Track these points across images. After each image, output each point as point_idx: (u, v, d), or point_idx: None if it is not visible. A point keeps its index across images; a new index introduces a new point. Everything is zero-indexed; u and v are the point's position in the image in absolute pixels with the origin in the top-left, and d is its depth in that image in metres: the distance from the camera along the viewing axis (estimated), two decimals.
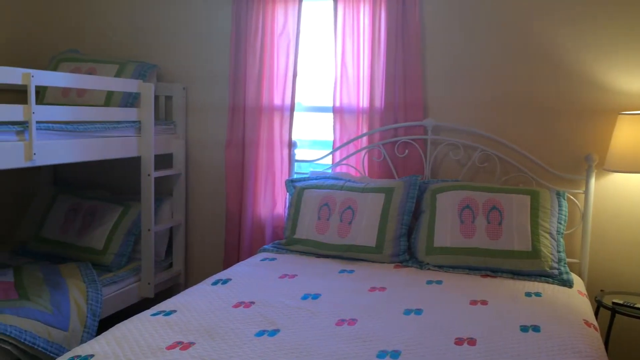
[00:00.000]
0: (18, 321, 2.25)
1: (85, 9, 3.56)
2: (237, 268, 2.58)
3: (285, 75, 3.16)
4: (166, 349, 1.69)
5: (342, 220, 2.79)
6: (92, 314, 2.58)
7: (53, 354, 2.28)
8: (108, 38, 3.52)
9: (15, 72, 2.28)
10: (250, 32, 3.16)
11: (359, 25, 3.04)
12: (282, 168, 3.21)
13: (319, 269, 2.58)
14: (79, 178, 3.62)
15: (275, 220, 3.23)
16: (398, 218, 2.75)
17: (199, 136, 3.43)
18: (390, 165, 3.05)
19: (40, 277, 2.71)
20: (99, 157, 2.76)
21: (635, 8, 2.73)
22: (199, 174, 3.45)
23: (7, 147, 2.22)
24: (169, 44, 3.43)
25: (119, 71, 3.19)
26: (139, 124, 2.99)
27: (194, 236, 3.49)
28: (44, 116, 2.38)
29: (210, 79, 3.37)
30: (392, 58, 2.99)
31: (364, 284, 2.35)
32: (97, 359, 1.61)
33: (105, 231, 3.12)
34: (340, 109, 3.12)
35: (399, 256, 2.69)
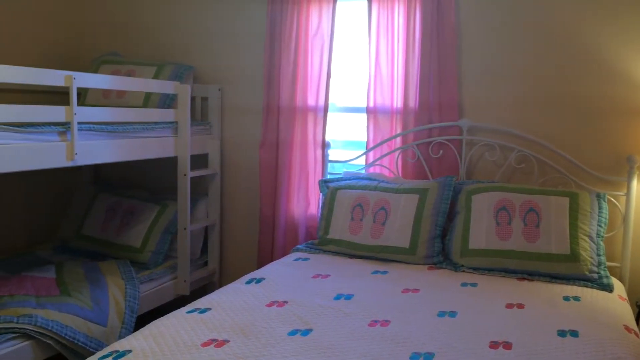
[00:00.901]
0: (59, 316, 2.33)
1: (124, 12, 3.65)
2: (270, 267, 2.60)
3: (319, 75, 3.17)
4: (201, 346, 1.71)
5: (375, 221, 2.78)
6: (130, 310, 2.64)
7: (92, 348, 2.34)
8: (147, 41, 3.60)
9: (57, 75, 2.36)
10: (284, 33, 3.18)
11: (394, 25, 3.03)
12: (315, 168, 3.22)
13: (352, 269, 2.58)
14: (119, 177, 3.71)
15: (308, 220, 3.24)
16: (432, 219, 2.73)
17: (233, 137, 3.47)
18: (425, 166, 3.03)
19: (80, 274, 2.79)
20: (137, 157, 2.83)
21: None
22: (234, 174, 3.49)
23: (50, 147, 2.30)
24: (206, 46, 3.48)
25: (156, 73, 3.25)
26: (176, 125, 3.05)
27: (228, 235, 3.53)
28: (85, 117, 2.45)
29: (245, 80, 3.41)
30: (427, 57, 2.96)
31: (397, 285, 2.34)
32: (134, 355, 1.65)
33: (142, 230, 3.19)
34: (374, 109, 3.11)
35: (433, 258, 2.67)
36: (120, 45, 3.64)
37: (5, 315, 2.22)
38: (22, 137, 2.18)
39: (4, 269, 2.87)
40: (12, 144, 2.13)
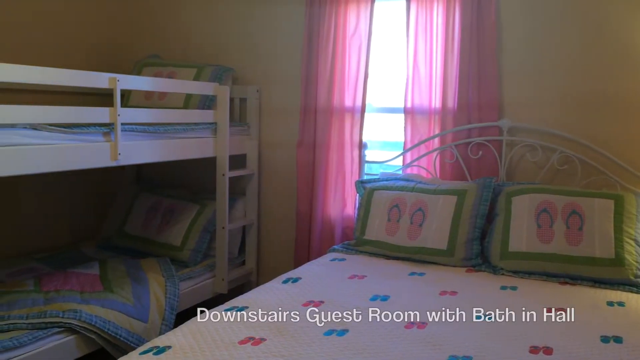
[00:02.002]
0: (102, 312, 2.40)
1: (165, 16, 3.73)
2: (307, 267, 2.61)
3: (356, 76, 3.17)
4: (238, 344, 1.74)
5: (412, 222, 2.76)
6: (170, 307, 2.70)
7: (134, 344, 2.40)
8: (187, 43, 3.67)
9: (102, 77, 2.43)
10: (322, 34, 3.19)
11: (432, 25, 3.00)
12: (352, 169, 3.22)
13: (389, 270, 2.57)
14: (160, 177, 3.79)
15: (345, 221, 3.25)
16: (471, 221, 2.69)
17: (271, 137, 3.50)
18: (463, 167, 2.99)
19: (123, 271, 2.87)
20: (177, 157, 2.88)
21: None
22: (271, 174, 3.52)
23: (95, 147, 2.37)
24: (244, 47, 3.53)
25: (197, 75, 3.31)
26: (215, 126, 3.10)
27: (265, 235, 3.57)
28: (128, 118, 2.52)
29: (283, 81, 3.43)
30: (466, 57, 2.93)
31: (435, 288, 2.32)
32: (174, 351, 1.69)
33: (182, 228, 3.25)
34: (411, 110, 3.09)
35: (472, 260, 2.63)
36: (161, 48, 3.72)
37: (52, 310, 2.30)
38: (69, 137, 2.25)
39: (51, 265, 2.98)
40: (59, 144, 2.21)
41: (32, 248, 3.29)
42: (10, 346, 2.06)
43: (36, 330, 2.19)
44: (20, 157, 2.07)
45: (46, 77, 2.22)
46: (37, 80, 2.18)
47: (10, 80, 2.09)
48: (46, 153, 2.16)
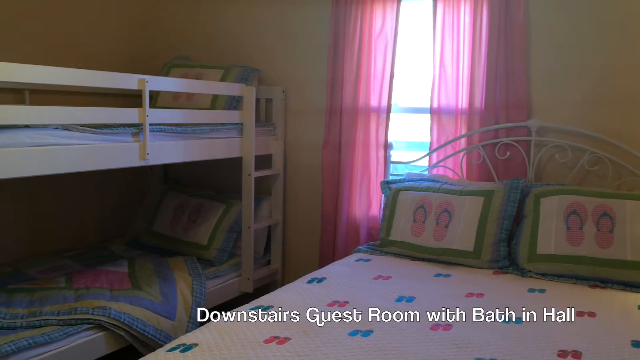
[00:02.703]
0: (131, 309, 2.44)
1: (194, 18, 3.78)
2: (332, 267, 2.61)
3: (382, 76, 3.16)
4: (263, 342, 1.75)
5: (438, 224, 2.74)
6: (196, 305, 2.73)
7: (161, 341, 2.44)
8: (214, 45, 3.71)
9: (132, 78, 2.47)
10: (348, 34, 3.19)
11: (459, 24, 2.98)
12: (377, 169, 3.21)
13: (414, 271, 2.55)
14: (187, 177, 3.84)
15: (370, 221, 3.24)
16: (498, 222, 2.65)
17: (297, 137, 3.51)
18: (490, 167, 2.95)
19: (151, 269, 2.91)
20: (204, 157, 2.92)
21: None
22: (297, 174, 3.54)
23: (124, 147, 2.41)
24: (270, 48, 3.55)
25: (223, 76, 3.34)
26: (241, 126, 3.13)
27: (291, 235, 3.58)
28: (156, 119, 2.56)
29: (309, 82, 3.44)
30: (493, 56, 2.89)
31: (461, 289, 2.30)
32: (200, 348, 1.71)
33: (209, 227, 3.29)
34: (437, 110, 3.06)
35: (499, 262, 2.60)
36: (189, 50, 3.77)
37: (82, 307, 2.35)
38: (99, 137, 2.30)
39: (81, 263, 3.04)
40: (89, 144, 2.26)
41: (63, 246, 3.36)
42: (42, 341, 2.12)
43: (67, 326, 2.24)
44: (53, 156, 2.12)
45: (78, 79, 2.27)
46: (69, 81, 2.23)
47: (44, 81, 2.14)
48: (77, 153, 2.21)
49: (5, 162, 1.95)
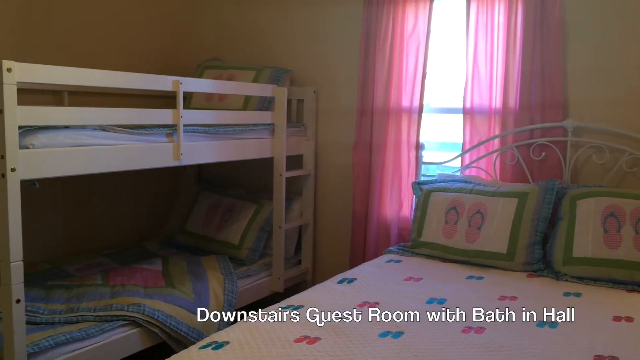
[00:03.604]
0: (165, 307, 2.48)
1: (226, 20, 3.82)
2: (362, 268, 2.61)
3: (414, 76, 3.14)
4: (294, 342, 1.76)
5: (470, 225, 2.71)
6: (228, 304, 2.77)
7: (193, 338, 2.47)
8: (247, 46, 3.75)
9: (166, 80, 2.52)
10: (380, 35, 3.18)
11: (493, 23, 2.94)
12: (409, 170, 3.19)
13: (445, 273, 2.53)
14: (220, 177, 3.88)
15: (401, 222, 3.22)
16: (532, 224, 2.61)
17: (328, 138, 3.52)
18: (525, 168, 2.90)
19: (184, 267, 2.96)
20: (237, 157, 2.95)
21: None
22: (328, 174, 3.54)
23: (158, 148, 2.45)
24: (302, 49, 3.56)
25: (255, 77, 3.37)
26: (273, 127, 3.15)
27: (321, 235, 3.59)
28: (190, 119, 2.60)
29: (340, 82, 3.44)
30: (528, 55, 2.84)
31: (494, 292, 2.26)
32: (232, 346, 1.73)
33: (241, 227, 3.32)
34: (470, 110, 3.03)
35: (533, 265, 2.55)
36: (222, 51, 3.81)
37: (117, 304, 2.40)
38: (134, 138, 2.35)
39: (117, 261, 3.11)
40: (125, 145, 2.31)
41: (100, 244, 3.45)
42: (79, 337, 2.17)
43: (103, 322, 2.29)
44: (90, 156, 2.17)
45: (115, 81, 2.33)
46: (107, 83, 2.29)
47: (82, 83, 2.20)
48: (113, 153, 2.26)
49: (45, 162, 2.01)
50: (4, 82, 1.83)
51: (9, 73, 1.84)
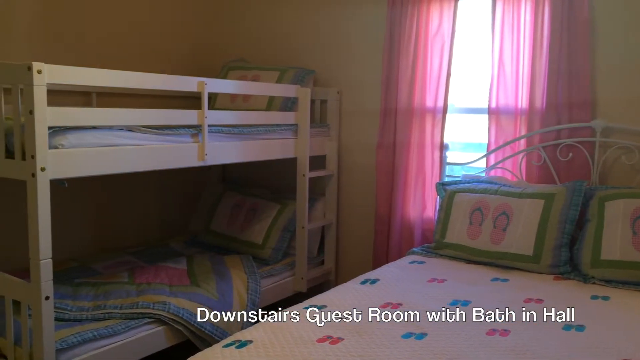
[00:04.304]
0: (189, 305, 2.51)
1: (250, 21, 3.85)
2: (385, 269, 2.60)
3: (438, 76, 3.12)
4: (317, 342, 1.76)
5: (495, 226, 2.68)
6: (251, 303, 2.78)
7: (217, 337, 2.50)
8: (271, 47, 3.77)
9: (192, 81, 2.55)
10: (404, 35, 3.17)
11: (519, 22, 2.90)
12: (432, 171, 3.17)
13: (470, 275, 2.51)
14: (243, 177, 3.91)
15: (424, 223, 3.20)
16: (559, 226, 2.56)
17: (351, 138, 3.52)
18: (552, 169, 2.86)
19: (208, 266, 2.99)
20: (260, 157, 2.97)
21: None
22: (351, 175, 3.54)
23: (184, 148, 2.48)
24: (326, 50, 3.57)
25: (279, 77, 3.39)
26: (296, 127, 3.16)
27: (344, 235, 3.59)
28: (215, 120, 2.62)
29: (363, 83, 3.44)
30: (556, 53, 2.80)
31: (519, 294, 2.23)
32: (255, 345, 1.74)
33: (264, 227, 3.34)
34: (496, 110, 2.99)
35: (559, 267, 2.51)
36: (246, 52, 3.84)
37: (143, 301, 2.44)
38: (160, 138, 2.38)
39: (143, 259, 3.16)
40: (151, 145, 2.34)
41: (126, 242, 3.50)
42: (106, 334, 2.21)
43: (129, 320, 2.32)
44: (117, 157, 2.21)
45: (142, 82, 2.36)
46: (133, 84, 2.32)
47: (110, 84, 2.24)
48: (140, 153, 2.29)
49: (73, 162, 2.05)
50: (34, 83, 1.87)
51: (39, 75, 1.88)
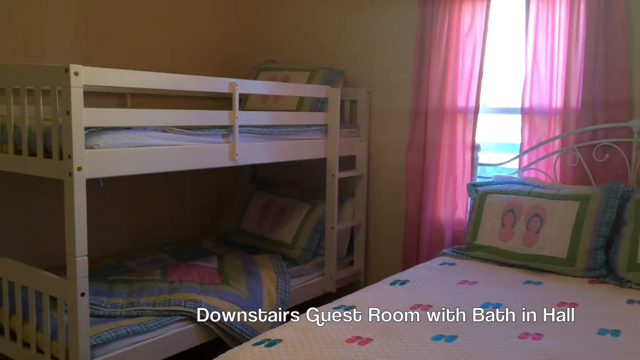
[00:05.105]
0: (220, 303, 2.54)
1: (281, 23, 3.87)
2: (415, 270, 2.58)
3: (470, 76, 3.08)
4: (345, 342, 1.76)
5: (528, 228, 2.63)
6: (281, 302, 2.80)
7: (247, 335, 2.52)
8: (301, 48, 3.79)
9: (223, 82, 2.58)
10: (435, 34, 3.14)
11: (554, 20, 2.84)
12: (464, 171, 3.13)
13: (502, 277, 2.47)
14: (274, 177, 3.94)
15: (455, 224, 3.17)
16: (594, 229, 2.51)
17: (381, 139, 3.50)
18: (587, 170, 2.79)
19: (238, 265, 3.02)
20: (290, 158, 2.98)
21: None
22: (380, 175, 3.53)
23: (215, 148, 2.52)
24: (356, 50, 3.56)
25: (309, 78, 3.40)
26: (326, 127, 3.16)
27: (374, 236, 3.58)
28: (245, 120, 2.65)
29: (393, 83, 3.42)
30: (592, 52, 2.73)
31: (552, 298, 2.19)
32: (284, 344, 1.75)
33: (294, 227, 3.36)
34: (529, 110, 2.94)
35: (595, 271, 2.45)
36: (277, 53, 3.86)
37: (175, 299, 2.48)
38: (192, 139, 2.42)
39: (175, 258, 3.21)
40: (183, 145, 2.38)
41: (159, 241, 3.56)
42: (139, 330, 2.26)
43: (161, 317, 2.37)
44: (151, 156, 2.25)
45: (175, 83, 2.40)
46: (167, 86, 2.37)
47: (144, 86, 2.28)
48: (172, 153, 2.33)
49: (109, 162, 2.10)
50: (72, 85, 1.92)
51: (76, 77, 1.93)
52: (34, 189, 2.91)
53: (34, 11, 2.87)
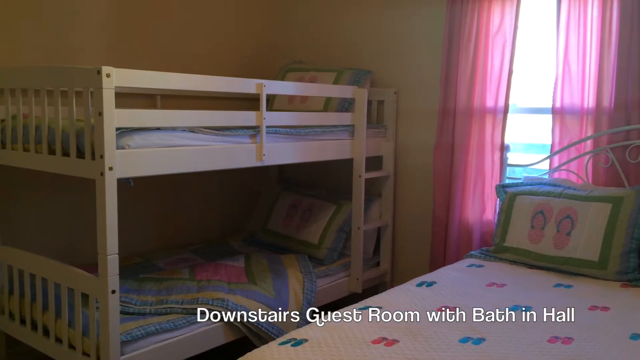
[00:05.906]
0: (246, 302, 2.56)
1: (308, 24, 3.88)
2: (442, 272, 2.56)
3: (499, 76, 3.04)
4: (371, 343, 1.76)
5: (559, 230, 2.58)
6: (307, 302, 2.81)
7: (273, 334, 2.53)
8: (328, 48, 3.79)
9: (250, 83, 2.60)
10: (463, 34, 3.11)
11: (586, 18, 2.78)
12: (492, 172, 3.09)
13: (531, 280, 2.43)
14: (300, 177, 3.95)
15: (483, 226, 3.13)
16: (627, 231, 2.45)
17: (408, 139, 3.48)
18: (620, 172, 2.73)
19: (265, 265, 3.04)
20: (317, 158, 2.99)
21: None
22: (407, 176, 3.50)
23: (242, 149, 2.54)
24: (383, 50, 3.55)
25: (336, 78, 3.40)
26: (353, 128, 3.16)
27: (400, 237, 3.56)
28: (272, 121, 2.67)
29: (421, 83, 3.40)
30: (625, 50, 2.67)
31: (584, 301, 2.15)
32: (310, 344, 1.75)
33: (320, 227, 3.36)
34: (560, 110, 2.89)
35: (628, 274, 2.40)
36: (304, 54, 3.88)
37: (203, 298, 2.51)
38: (220, 139, 2.44)
39: (203, 257, 3.25)
40: (212, 145, 2.41)
41: (188, 240, 3.61)
42: (168, 328, 2.29)
43: (189, 315, 2.40)
44: (180, 157, 2.28)
45: (203, 84, 2.43)
46: (195, 87, 2.40)
47: (173, 87, 2.32)
48: (201, 154, 2.36)
49: (139, 162, 2.13)
50: (104, 86, 1.96)
51: (108, 78, 1.97)
52: (67, 188, 2.98)
53: (67, 16, 2.94)
